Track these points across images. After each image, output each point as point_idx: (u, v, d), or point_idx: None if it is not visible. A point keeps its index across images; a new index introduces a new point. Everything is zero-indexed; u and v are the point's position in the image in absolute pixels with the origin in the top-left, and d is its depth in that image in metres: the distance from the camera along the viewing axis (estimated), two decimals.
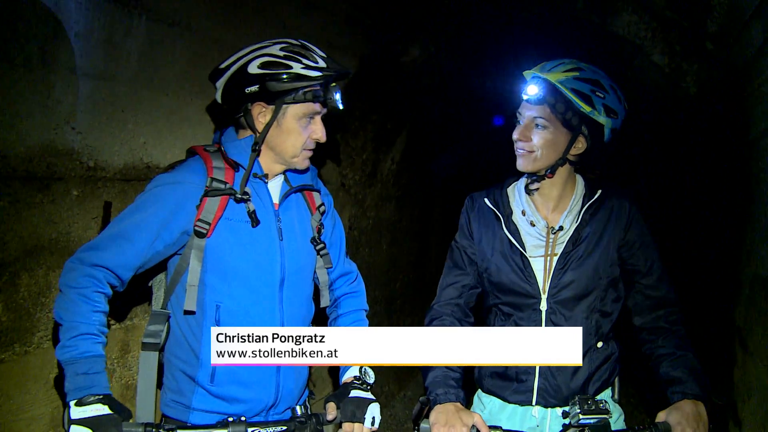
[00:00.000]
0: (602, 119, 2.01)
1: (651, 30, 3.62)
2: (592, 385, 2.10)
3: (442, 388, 1.99)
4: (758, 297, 2.68)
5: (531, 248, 2.13)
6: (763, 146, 2.71)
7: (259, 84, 1.96)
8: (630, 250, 2.12)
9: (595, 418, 1.86)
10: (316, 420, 1.94)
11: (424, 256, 6.67)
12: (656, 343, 2.08)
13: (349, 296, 2.36)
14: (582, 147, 2.08)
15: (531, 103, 2.07)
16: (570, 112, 2.01)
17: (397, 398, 5.87)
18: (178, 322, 2.03)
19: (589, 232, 2.11)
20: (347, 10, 3.47)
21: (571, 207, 2.15)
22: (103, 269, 1.86)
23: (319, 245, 2.19)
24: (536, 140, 2.06)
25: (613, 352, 2.17)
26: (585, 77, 2.02)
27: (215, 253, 1.98)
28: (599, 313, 2.11)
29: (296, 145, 2.04)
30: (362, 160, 4.54)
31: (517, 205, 2.19)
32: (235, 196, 1.98)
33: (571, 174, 2.16)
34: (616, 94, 2.04)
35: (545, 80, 2.02)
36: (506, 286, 2.14)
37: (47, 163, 2.03)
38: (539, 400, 2.11)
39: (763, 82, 2.65)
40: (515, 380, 2.14)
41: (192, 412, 2.01)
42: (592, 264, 2.08)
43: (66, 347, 1.77)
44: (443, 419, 1.89)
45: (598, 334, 2.11)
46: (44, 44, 1.94)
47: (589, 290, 2.09)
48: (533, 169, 2.09)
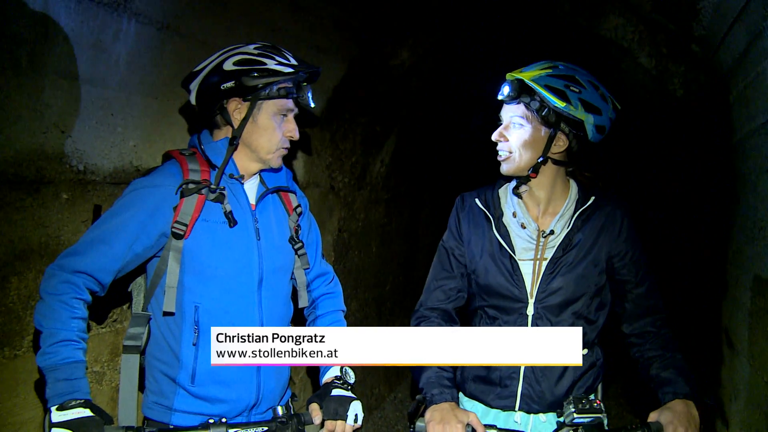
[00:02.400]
0: (580, 114, 2.00)
1: (638, 33, 3.64)
2: (576, 391, 2.11)
3: (437, 388, 1.99)
4: (744, 297, 2.70)
5: (520, 251, 2.12)
6: (748, 148, 2.74)
7: (234, 80, 2.01)
8: (622, 261, 2.11)
9: (590, 417, 1.86)
10: (298, 420, 1.94)
11: (413, 258, 6.68)
12: (644, 346, 2.09)
13: (326, 297, 2.38)
14: (564, 145, 2.08)
15: (507, 103, 2.09)
16: (545, 108, 2.01)
17: (388, 400, 5.87)
18: (158, 324, 2.05)
19: (580, 239, 2.10)
20: (336, 13, 3.47)
21: (563, 211, 2.14)
22: (83, 275, 1.87)
23: (297, 244, 2.22)
24: (514, 139, 2.07)
25: (598, 359, 2.18)
26: (559, 74, 2.03)
27: (193, 254, 2.00)
28: (584, 319, 2.11)
29: (272, 142, 2.08)
30: (351, 162, 4.54)
31: (508, 207, 2.18)
32: (210, 188, 2.00)
33: (561, 176, 2.15)
34: (597, 90, 2.04)
35: (520, 80, 2.04)
36: (493, 288, 2.14)
37: (36, 167, 2.03)
38: (522, 405, 2.11)
39: (747, 85, 2.67)
40: (499, 385, 2.13)
41: (174, 414, 2.02)
42: (581, 271, 2.08)
43: (46, 354, 1.78)
44: (438, 417, 1.89)
45: (583, 340, 2.08)
46: (33, 48, 1.94)
47: (576, 297, 2.09)
48: (515, 170, 2.09)
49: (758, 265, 2.48)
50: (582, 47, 4.10)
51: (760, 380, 2.41)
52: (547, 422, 2.11)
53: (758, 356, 2.46)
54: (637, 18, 3.61)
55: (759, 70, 2.44)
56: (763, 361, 2.39)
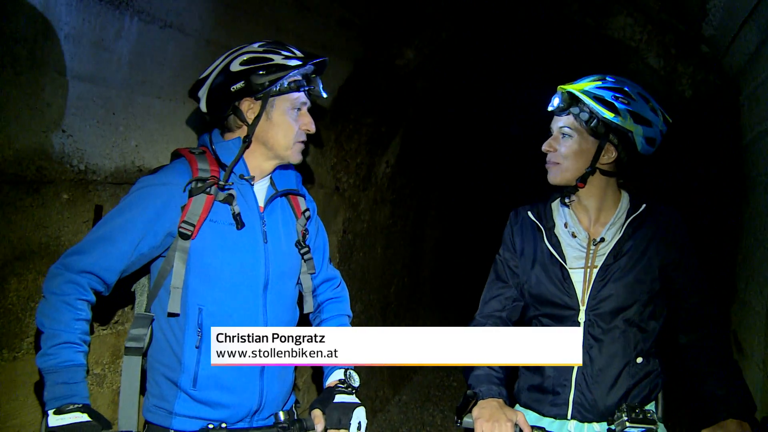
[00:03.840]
0: (629, 125, 2.02)
1: (646, 33, 3.62)
2: (631, 401, 2.06)
3: (486, 384, 1.99)
4: (754, 301, 2.67)
5: (571, 260, 2.13)
6: (757, 149, 2.71)
7: (243, 80, 1.99)
8: (677, 270, 2.10)
9: (642, 427, 1.84)
10: (300, 426, 1.91)
11: (418, 260, 6.66)
12: (700, 360, 2.06)
13: (332, 301, 2.34)
14: (613, 156, 2.09)
15: (557, 115, 2.12)
16: (594, 119, 2.03)
17: (392, 403, 5.85)
18: (161, 325, 2.01)
19: (631, 246, 2.09)
20: (341, 12, 3.46)
21: (614, 220, 2.14)
22: (88, 274, 1.84)
23: (303, 249, 2.18)
24: (562, 150, 2.09)
25: (655, 369, 2.13)
26: (608, 86, 2.06)
27: (199, 255, 1.96)
28: (637, 327, 2.09)
29: (288, 137, 2.06)
30: (357, 163, 4.52)
31: (560, 218, 2.20)
32: (219, 185, 1.98)
33: (612, 187, 2.16)
34: (647, 103, 2.07)
35: (569, 92, 2.07)
36: (545, 297, 2.13)
37: (37, 167, 2.01)
38: (575, 413, 2.08)
39: (758, 86, 2.65)
40: (551, 393, 2.12)
41: (174, 418, 1.98)
42: (633, 278, 2.06)
43: (47, 355, 1.75)
44: (487, 414, 1.90)
45: (637, 348, 2.08)
46: (33, 46, 1.92)
47: (628, 304, 2.07)
48: (562, 179, 2.11)
49: None
50: (590, 47, 4.07)
51: None
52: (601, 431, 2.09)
53: None
54: (646, 18, 3.59)
55: None
56: None
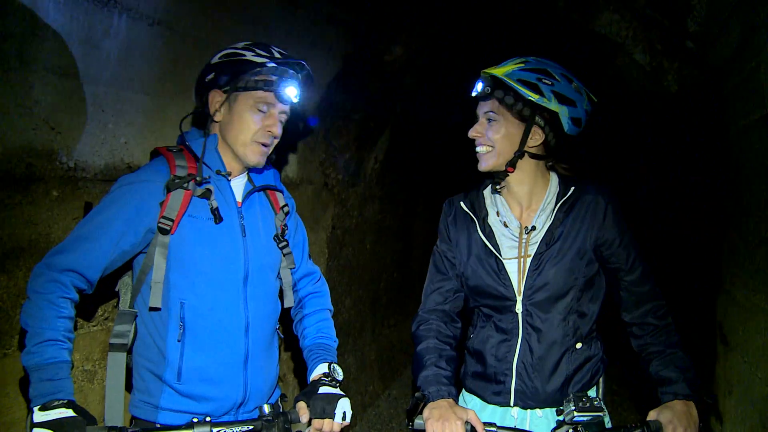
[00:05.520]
0: (554, 106, 2.00)
1: (632, 29, 3.64)
2: (572, 387, 2.09)
3: (435, 385, 1.99)
4: (738, 293, 2.70)
5: (506, 250, 2.12)
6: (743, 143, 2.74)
7: (215, 72, 2.07)
8: (610, 248, 2.08)
9: (590, 415, 1.85)
10: (284, 418, 1.92)
11: (407, 255, 6.67)
12: (645, 339, 2.06)
13: (313, 296, 2.38)
14: (540, 138, 2.07)
15: (482, 99, 2.11)
16: (519, 102, 2.02)
17: (382, 397, 5.87)
18: (144, 321, 2.04)
19: (562, 231, 2.08)
20: (330, 9, 3.46)
21: (544, 206, 2.12)
22: (70, 272, 1.85)
23: (281, 243, 2.22)
24: (489, 135, 2.07)
25: (596, 353, 2.15)
26: (531, 67, 2.04)
27: (179, 250, 1.99)
28: (577, 313, 2.09)
29: (245, 134, 2.07)
30: (345, 159, 4.53)
31: (492, 207, 2.18)
32: (196, 181, 2.01)
33: (541, 170, 2.14)
34: (570, 83, 2.04)
35: (493, 76, 2.05)
36: (482, 289, 2.14)
37: (26, 164, 2.01)
38: (517, 401, 2.10)
39: (742, 80, 2.67)
40: (494, 381, 2.13)
41: (160, 412, 2.01)
42: (567, 264, 2.06)
43: (31, 353, 1.76)
44: (437, 414, 1.90)
45: (576, 335, 2.09)
46: (22, 43, 1.92)
47: (564, 291, 2.07)
48: (492, 165, 2.09)
49: (753, 262, 2.48)
50: (576, 43, 4.09)
51: (754, 376, 2.41)
52: (544, 417, 2.10)
53: (753, 353, 2.46)
54: (632, 14, 3.61)
55: (754, 65, 2.43)
56: (758, 357, 2.39)
